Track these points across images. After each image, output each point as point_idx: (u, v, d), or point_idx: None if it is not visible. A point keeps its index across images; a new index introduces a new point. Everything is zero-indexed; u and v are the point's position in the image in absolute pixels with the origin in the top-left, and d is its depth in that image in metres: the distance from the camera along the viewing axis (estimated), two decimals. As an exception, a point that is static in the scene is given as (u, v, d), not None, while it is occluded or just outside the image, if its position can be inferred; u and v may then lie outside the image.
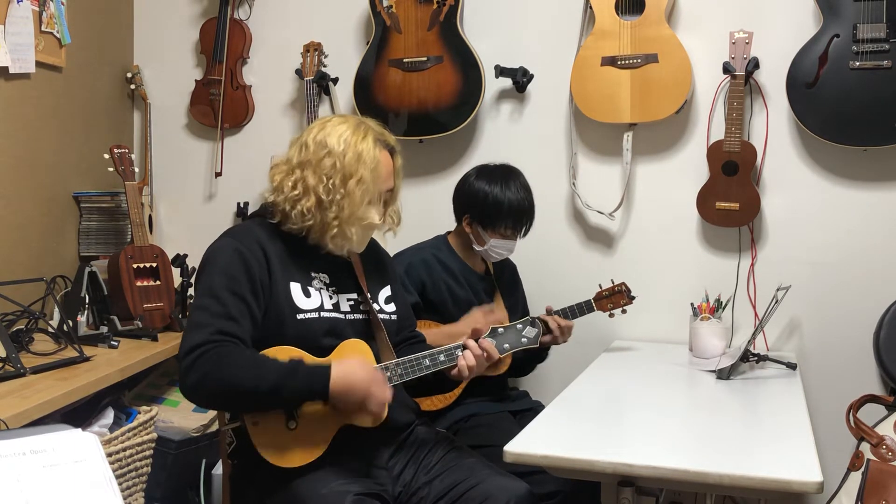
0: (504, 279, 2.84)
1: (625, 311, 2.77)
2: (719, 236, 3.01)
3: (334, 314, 2.02)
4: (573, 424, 2.11)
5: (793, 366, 2.59)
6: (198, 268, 2.04)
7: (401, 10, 3.09)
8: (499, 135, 3.19)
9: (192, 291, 2.93)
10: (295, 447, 1.90)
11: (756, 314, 2.96)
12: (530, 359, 2.71)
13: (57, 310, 2.78)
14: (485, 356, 2.01)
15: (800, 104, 2.79)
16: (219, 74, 3.37)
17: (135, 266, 2.88)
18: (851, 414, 2.38)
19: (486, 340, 2.03)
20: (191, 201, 3.51)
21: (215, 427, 2.83)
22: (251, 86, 3.43)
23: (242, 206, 3.34)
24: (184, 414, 2.87)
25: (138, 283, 2.87)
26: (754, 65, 2.84)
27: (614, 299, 2.74)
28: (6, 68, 2.78)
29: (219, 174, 3.45)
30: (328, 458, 1.91)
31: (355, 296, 2.09)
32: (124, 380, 2.51)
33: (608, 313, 2.76)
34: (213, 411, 2.73)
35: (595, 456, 1.80)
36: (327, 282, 2.05)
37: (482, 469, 1.99)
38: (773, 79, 2.90)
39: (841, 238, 2.90)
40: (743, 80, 2.83)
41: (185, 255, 3.03)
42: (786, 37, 2.87)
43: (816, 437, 1.97)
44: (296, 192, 1.98)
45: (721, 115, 2.95)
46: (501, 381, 2.76)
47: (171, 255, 3.01)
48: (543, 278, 3.00)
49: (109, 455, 2.25)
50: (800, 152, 2.93)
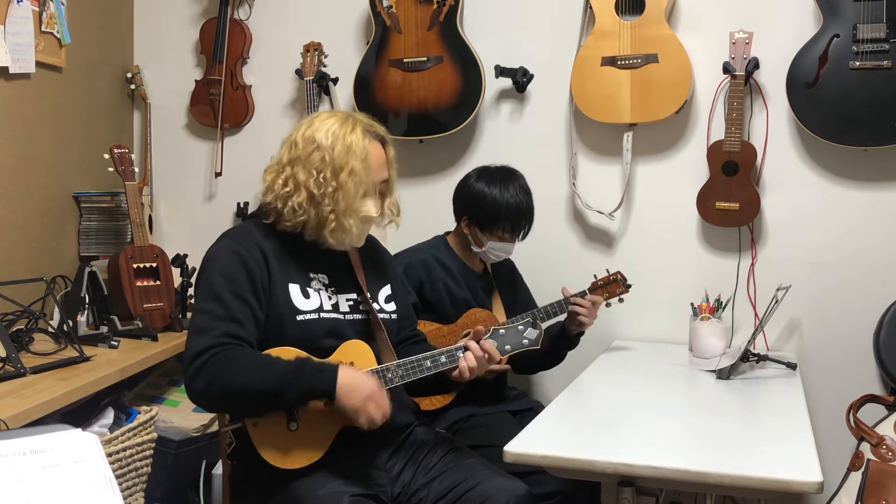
0: (502, 278, 2.84)
1: (622, 300, 2.75)
2: (719, 236, 3.01)
3: (334, 315, 2.02)
4: (573, 424, 2.11)
5: (793, 366, 2.59)
6: (197, 271, 2.04)
7: (401, 10, 3.09)
8: (499, 135, 3.19)
9: (192, 291, 2.93)
10: (295, 448, 1.90)
11: (756, 314, 2.96)
12: (560, 346, 2.71)
13: (57, 310, 2.78)
14: (486, 357, 2.00)
15: (800, 104, 2.79)
16: (219, 74, 3.37)
17: (135, 266, 2.88)
18: (851, 414, 2.38)
19: (488, 342, 2.01)
20: (191, 201, 3.51)
21: (215, 427, 2.83)
22: (251, 86, 3.43)
23: (242, 206, 3.34)
24: (184, 414, 2.87)
25: (138, 283, 2.87)
26: (754, 65, 2.83)
27: (610, 288, 2.72)
28: (6, 68, 2.78)
29: (219, 174, 3.45)
30: (327, 460, 1.91)
31: (355, 296, 2.08)
32: (124, 380, 2.50)
33: (605, 303, 2.75)
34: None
35: (595, 456, 1.80)
36: (326, 282, 2.05)
37: (482, 470, 1.98)
38: (773, 79, 2.90)
39: (841, 238, 2.90)
40: (743, 80, 2.83)
41: (185, 255, 3.04)
42: (786, 37, 2.87)
43: (816, 437, 1.97)
44: (287, 189, 1.98)
45: (721, 115, 2.95)
46: (501, 381, 2.76)
47: (171, 255, 3.01)
48: (543, 278, 3.00)
49: (109, 455, 2.25)
50: (800, 152, 2.93)
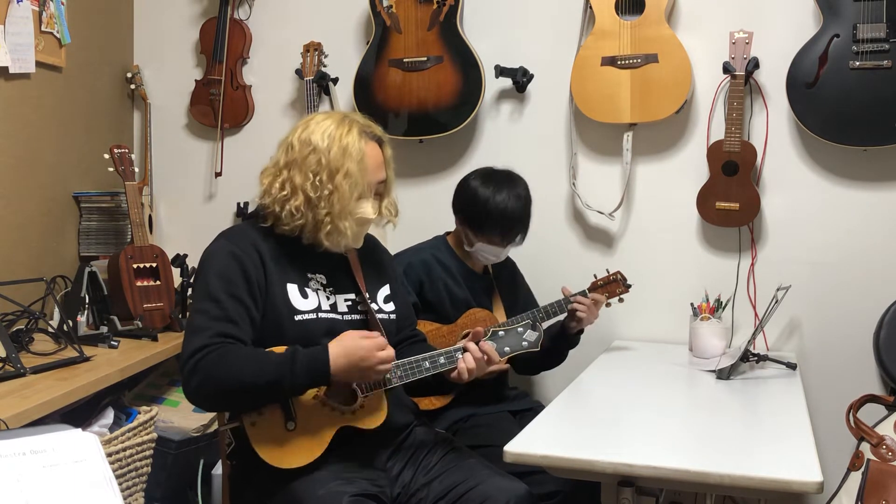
0: (503, 278, 2.83)
1: (622, 300, 2.75)
2: (719, 236, 3.01)
3: (332, 315, 2.02)
4: (573, 424, 2.11)
5: (793, 366, 2.59)
6: (195, 271, 2.04)
7: (401, 10, 3.09)
8: (499, 135, 3.19)
9: (191, 291, 2.93)
10: (293, 448, 1.90)
11: (756, 314, 2.96)
12: (561, 345, 2.71)
13: (57, 310, 2.78)
14: (485, 359, 1.99)
15: (800, 104, 2.79)
16: (219, 74, 3.37)
17: (135, 266, 2.88)
18: (851, 414, 2.38)
19: (487, 343, 2.01)
20: (191, 201, 3.51)
21: (215, 427, 2.83)
22: (251, 86, 3.43)
23: (242, 206, 3.34)
24: (184, 414, 2.87)
25: (138, 283, 2.87)
26: (754, 65, 2.83)
27: (610, 288, 2.72)
28: (6, 68, 2.78)
29: (219, 174, 3.45)
30: (326, 460, 1.91)
31: (353, 296, 2.08)
32: (124, 380, 2.50)
33: (606, 302, 2.75)
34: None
35: (595, 456, 1.80)
36: (324, 282, 2.05)
37: (481, 470, 1.98)
38: (773, 79, 2.90)
39: (841, 238, 2.89)
40: (743, 80, 2.83)
41: (185, 255, 3.04)
42: (786, 37, 2.87)
43: (816, 437, 1.97)
44: (284, 193, 1.98)
45: (721, 115, 2.95)
46: (501, 381, 2.76)
47: (171, 255, 3.01)
48: (543, 278, 3.00)
49: (109, 455, 2.25)
50: (800, 152, 2.93)
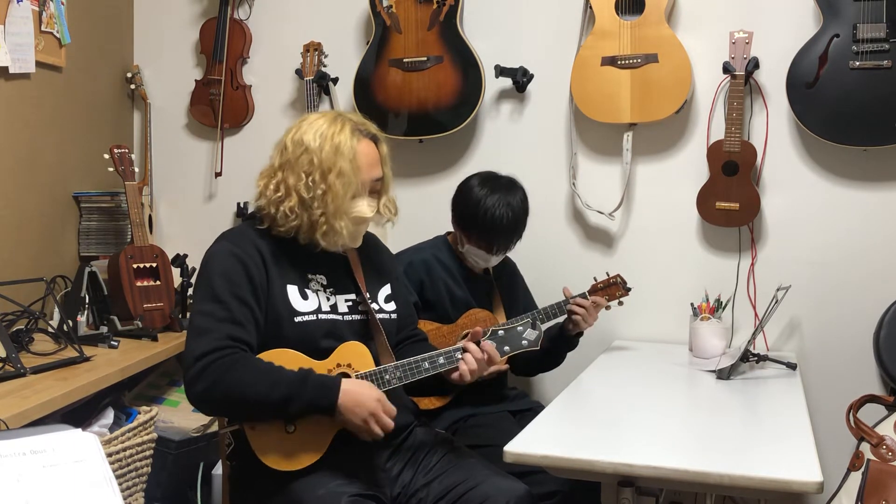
0: (503, 279, 2.83)
1: (621, 303, 2.76)
2: (719, 236, 3.01)
3: (332, 315, 2.01)
4: (573, 424, 2.11)
5: (793, 366, 2.59)
6: (196, 272, 2.03)
7: (401, 10, 3.09)
8: (499, 135, 3.19)
9: (192, 292, 2.93)
10: (293, 450, 1.89)
11: (756, 314, 2.96)
12: (559, 346, 2.71)
13: (57, 310, 2.78)
14: (486, 359, 1.98)
15: (800, 104, 2.79)
16: (219, 74, 3.37)
17: (135, 266, 2.88)
18: (851, 414, 2.38)
19: (487, 342, 2.00)
20: (191, 201, 3.51)
21: (215, 428, 2.82)
22: (251, 86, 3.43)
23: (242, 206, 3.34)
24: (184, 414, 2.87)
25: (138, 283, 2.87)
26: (754, 65, 2.83)
27: (610, 291, 2.72)
28: (6, 68, 2.78)
29: (219, 174, 3.45)
30: (326, 461, 1.91)
31: (353, 296, 2.08)
32: (124, 380, 2.50)
33: (606, 305, 2.74)
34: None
35: (595, 456, 1.80)
36: (325, 283, 2.05)
37: (481, 470, 1.98)
38: (773, 79, 2.90)
39: (841, 238, 2.89)
40: (743, 80, 2.83)
41: (185, 255, 3.03)
42: (786, 37, 2.87)
43: (816, 437, 1.97)
44: (279, 195, 1.98)
45: (721, 115, 2.95)
46: (501, 381, 2.76)
47: (171, 255, 3.01)
48: (543, 278, 3.00)
49: (109, 455, 2.25)
50: (800, 152, 2.93)
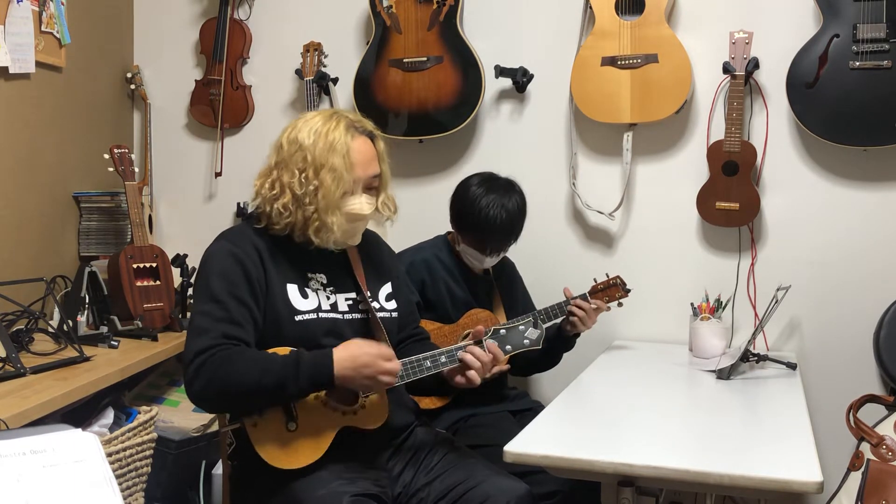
0: (503, 279, 2.83)
1: (620, 304, 2.76)
2: (719, 236, 3.01)
3: (332, 314, 2.01)
4: (573, 424, 2.11)
5: (793, 366, 2.59)
6: (196, 272, 2.03)
7: (401, 10, 3.09)
8: (499, 135, 3.19)
9: (192, 291, 2.93)
10: (295, 449, 1.89)
11: (756, 314, 2.96)
12: (556, 347, 2.71)
13: (57, 310, 2.78)
14: (491, 359, 1.98)
15: (800, 104, 2.79)
16: (219, 74, 3.36)
17: (135, 266, 2.88)
18: (851, 414, 2.38)
19: (491, 342, 2.00)
20: (191, 201, 3.51)
21: (215, 427, 2.83)
22: (251, 86, 3.43)
23: (242, 206, 3.34)
24: (184, 414, 2.87)
25: (138, 283, 2.87)
26: (754, 65, 2.83)
27: (610, 292, 2.73)
28: (6, 68, 2.78)
29: (219, 174, 3.45)
30: (327, 460, 1.91)
31: (354, 295, 2.08)
32: (124, 380, 2.50)
33: (605, 309, 2.74)
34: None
35: (595, 456, 1.80)
36: (324, 282, 2.05)
37: (482, 470, 1.98)
38: (773, 79, 2.90)
39: (841, 238, 2.89)
40: (743, 80, 2.83)
41: (185, 255, 3.03)
42: (786, 37, 2.87)
43: (816, 437, 1.97)
44: (273, 192, 1.99)
45: (721, 115, 2.95)
46: (501, 381, 2.76)
47: (171, 255, 3.01)
48: (543, 278, 3.00)
49: (109, 455, 2.25)
50: (800, 152, 2.93)
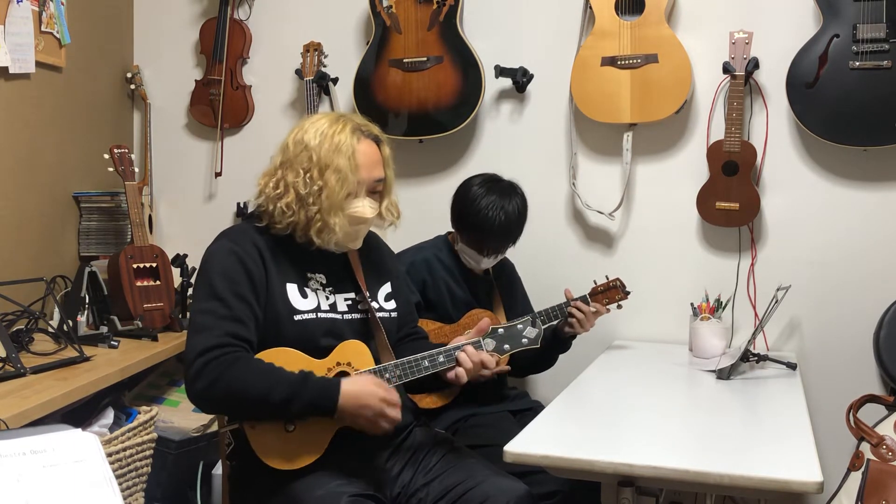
0: (503, 279, 2.83)
1: (620, 307, 2.76)
2: (719, 236, 3.01)
3: (331, 314, 2.01)
4: (573, 424, 2.11)
5: (793, 366, 2.59)
6: (197, 271, 2.04)
7: (401, 10, 3.09)
8: (499, 135, 3.19)
9: (192, 291, 2.93)
10: (293, 449, 1.89)
11: (756, 314, 2.96)
12: (553, 347, 2.71)
13: (57, 310, 2.78)
14: (479, 362, 1.99)
15: (800, 104, 2.79)
16: (219, 74, 3.37)
17: (135, 266, 2.88)
18: (851, 414, 2.38)
19: (483, 353, 2.00)
20: (191, 201, 3.51)
21: (215, 427, 2.83)
22: (251, 86, 3.43)
23: (242, 206, 3.34)
24: (184, 414, 2.87)
25: (138, 283, 2.87)
26: (754, 65, 2.83)
27: (609, 294, 2.74)
28: (6, 68, 2.78)
29: (219, 174, 3.45)
30: (326, 460, 1.91)
31: (353, 295, 2.08)
32: (124, 380, 2.50)
33: (605, 312, 2.75)
34: (213, 412, 2.73)
35: (595, 456, 1.80)
36: (324, 282, 2.05)
37: (481, 470, 1.98)
38: (773, 79, 2.90)
39: (841, 238, 2.89)
40: (743, 80, 2.83)
41: (185, 255, 3.03)
42: (786, 37, 2.87)
43: (816, 437, 1.97)
44: (277, 192, 1.99)
45: (721, 115, 2.95)
46: (501, 381, 2.76)
47: (171, 255, 3.01)
48: (543, 278, 3.00)
49: (109, 455, 2.25)
50: (800, 152, 2.93)
